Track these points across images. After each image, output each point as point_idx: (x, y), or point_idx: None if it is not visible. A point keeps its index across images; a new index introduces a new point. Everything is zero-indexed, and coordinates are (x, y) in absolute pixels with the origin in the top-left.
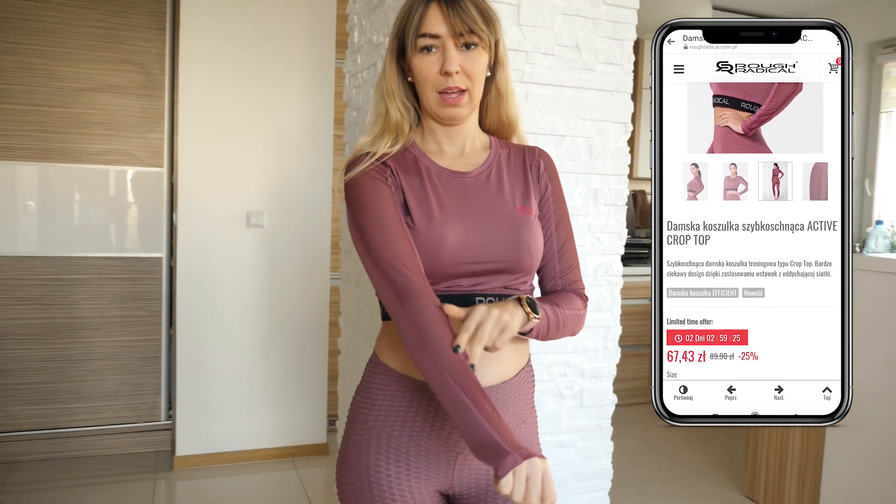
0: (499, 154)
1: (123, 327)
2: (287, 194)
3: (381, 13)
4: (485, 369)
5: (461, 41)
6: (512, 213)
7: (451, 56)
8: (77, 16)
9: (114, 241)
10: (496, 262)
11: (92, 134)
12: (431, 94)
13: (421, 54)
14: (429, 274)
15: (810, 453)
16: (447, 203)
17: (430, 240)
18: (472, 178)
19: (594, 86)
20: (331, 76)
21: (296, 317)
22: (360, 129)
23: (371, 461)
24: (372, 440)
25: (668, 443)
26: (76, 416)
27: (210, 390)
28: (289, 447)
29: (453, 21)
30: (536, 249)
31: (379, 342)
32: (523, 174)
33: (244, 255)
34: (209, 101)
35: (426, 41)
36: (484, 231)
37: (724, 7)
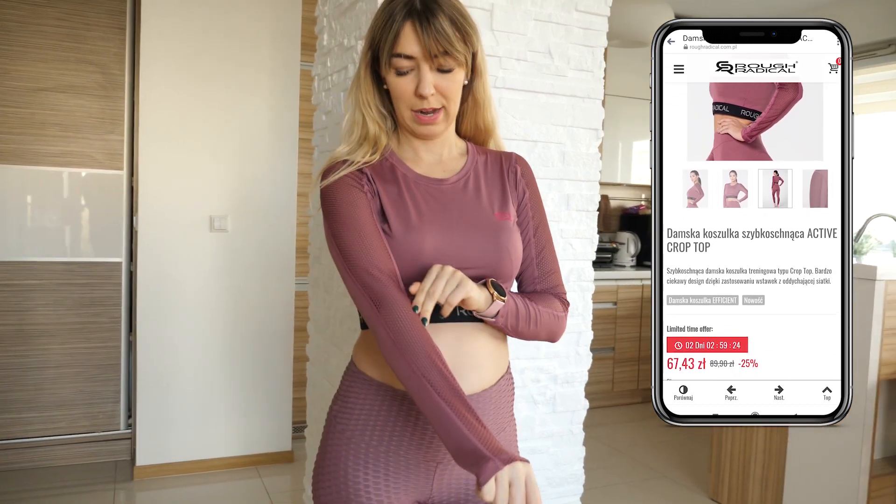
0: (476, 160)
1: (81, 334)
2: (251, 198)
3: (352, 16)
4: (465, 377)
5: (436, 63)
6: (490, 218)
7: (426, 79)
8: (35, 14)
9: (70, 246)
10: (475, 268)
11: (48, 135)
12: (406, 112)
13: (396, 74)
14: (408, 281)
15: (773, 455)
16: (425, 210)
17: (408, 247)
18: (449, 184)
19: (566, 92)
20: (296, 78)
21: (260, 322)
22: (330, 133)
23: (349, 471)
24: (350, 449)
25: (632, 446)
26: (31, 426)
27: (171, 398)
28: (253, 455)
29: (427, 43)
30: (515, 255)
31: (357, 350)
32: (500, 180)
33: (207, 260)
34: (171, 103)
35: (400, 62)
36: (462, 237)
37: (685, 15)
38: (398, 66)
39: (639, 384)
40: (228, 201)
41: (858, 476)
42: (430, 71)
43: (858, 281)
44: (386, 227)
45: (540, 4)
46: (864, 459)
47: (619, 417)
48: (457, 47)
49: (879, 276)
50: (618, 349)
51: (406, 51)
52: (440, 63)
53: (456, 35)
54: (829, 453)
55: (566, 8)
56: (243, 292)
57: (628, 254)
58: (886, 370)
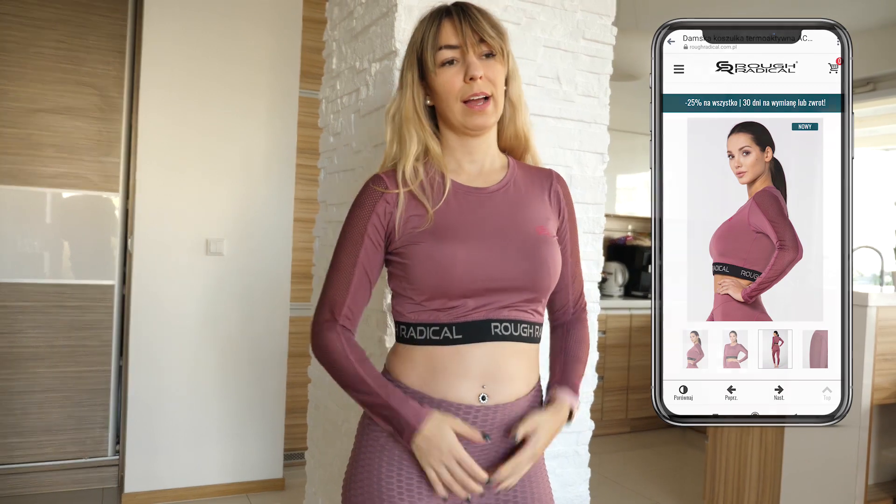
0: (516, 173)
1: (71, 357)
2: (248, 222)
3: (364, 40)
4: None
5: (479, 50)
6: (531, 231)
7: (473, 62)
8: (35, 35)
9: (64, 268)
10: (509, 280)
11: (44, 156)
12: (457, 105)
13: (443, 69)
14: (439, 292)
15: (767, 482)
16: (461, 220)
17: (440, 258)
18: (489, 193)
19: (573, 116)
20: (294, 105)
21: (254, 348)
22: (339, 155)
23: (383, 476)
24: (384, 456)
25: (623, 475)
26: (16, 451)
27: (162, 423)
28: (244, 483)
29: (466, 31)
30: (555, 270)
31: (392, 358)
32: (542, 196)
33: (202, 284)
34: (169, 126)
35: (446, 53)
36: (500, 249)
37: None
38: (443, 57)
39: (627, 413)
40: (225, 225)
41: (853, 503)
42: (476, 57)
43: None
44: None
45: (549, 32)
46: (859, 486)
47: (608, 447)
48: (492, 34)
49: (871, 303)
50: (606, 378)
51: (450, 41)
52: (482, 49)
53: (490, 26)
54: (824, 480)
55: (574, 36)
56: (238, 317)
57: (616, 283)
58: (879, 395)
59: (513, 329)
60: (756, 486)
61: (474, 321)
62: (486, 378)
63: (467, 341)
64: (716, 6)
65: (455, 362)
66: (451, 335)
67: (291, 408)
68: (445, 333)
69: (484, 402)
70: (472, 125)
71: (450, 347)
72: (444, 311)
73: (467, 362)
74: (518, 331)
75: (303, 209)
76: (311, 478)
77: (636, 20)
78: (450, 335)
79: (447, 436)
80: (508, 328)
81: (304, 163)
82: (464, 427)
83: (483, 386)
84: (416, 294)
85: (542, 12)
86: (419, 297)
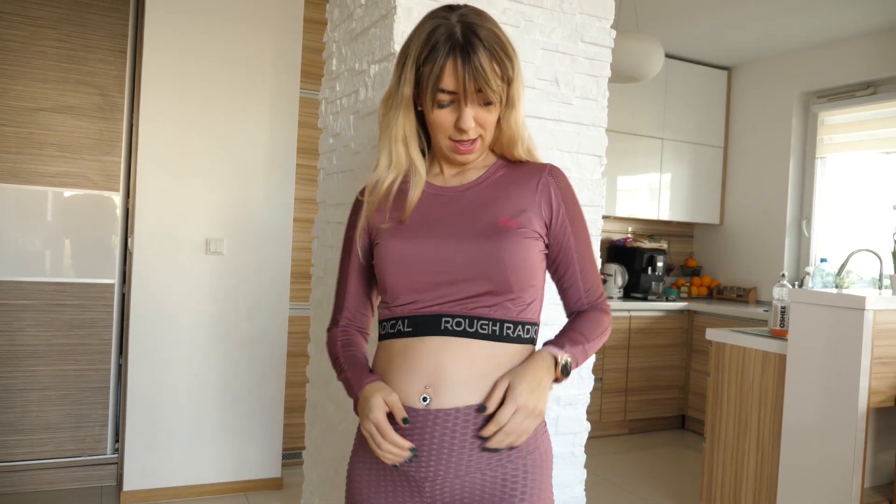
0: (499, 171)
1: (70, 356)
2: (247, 222)
3: (364, 41)
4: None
5: (476, 98)
6: (489, 224)
7: (466, 114)
8: (36, 35)
9: (64, 266)
10: (460, 272)
11: (45, 155)
12: (445, 142)
13: (437, 108)
14: (396, 288)
15: (764, 484)
16: (418, 218)
17: (387, 254)
18: (460, 191)
19: (572, 119)
20: (295, 105)
21: (253, 347)
22: (338, 156)
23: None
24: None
25: (621, 476)
26: (15, 449)
27: (160, 422)
28: (242, 482)
29: (467, 81)
30: (514, 261)
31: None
32: (523, 190)
33: (202, 283)
34: (170, 126)
35: (443, 97)
36: (452, 241)
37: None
38: (440, 100)
39: (626, 415)
40: (224, 224)
41: None
42: (470, 104)
43: (847, 311)
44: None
45: (548, 35)
46: (855, 488)
47: (606, 448)
48: (492, 86)
49: (868, 307)
50: (605, 380)
51: (448, 87)
52: (479, 98)
53: (494, 71)
54: (820, 482)
55: (572, 39)
56: (237, 316)
57: (616, 285)
58: (875, 398)
59: (467, 324)
60: (753, 487)
61: (426, 315)
62: (431, 377)
63: (416, 335)
64: (716, 8)
65: (403, 357)
66: (402, 328)
67: (290, 407)
68: (398, 326)
69: (425, 403)
70: (455, 161)
71: (400, 341)
72: (403, 306)
73: (413, 358)
74: (475, 326)
75: (303, 209)
76: (308, 477)
77: (636, 22)
78: (402, 328)
79: (372, 402)
80: (462, 323)
81: (305, 163)
82: (394, 400)
83: (426, 386)
84: (383, 292)
85: (541, 15)
86: (385, 295)
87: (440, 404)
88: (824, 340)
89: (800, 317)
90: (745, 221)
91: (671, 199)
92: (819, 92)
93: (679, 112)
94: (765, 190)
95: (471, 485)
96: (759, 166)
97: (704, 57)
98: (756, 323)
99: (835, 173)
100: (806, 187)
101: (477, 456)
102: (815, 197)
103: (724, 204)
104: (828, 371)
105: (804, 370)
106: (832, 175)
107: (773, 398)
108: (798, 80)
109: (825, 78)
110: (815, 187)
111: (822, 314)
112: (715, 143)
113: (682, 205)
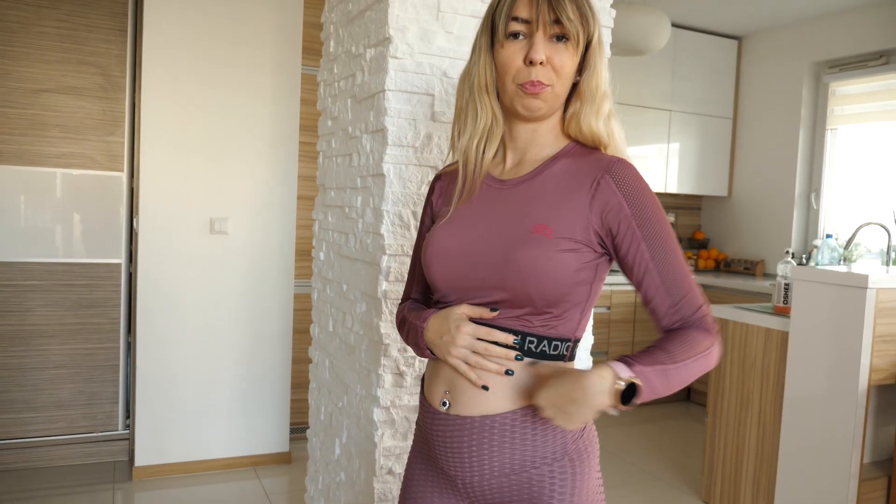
0: (558, 161)
1: (80, 335)
2: (251, 200)
3: (360, 24)
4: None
5: (550, 31)
6: (522, 231)
7: (538, 44)
8: (37, 15)
9: (70, 247)
10: (479, 278)
11: (49, 136)
12: (511, 86)
13: (508, 41)
14: (433, 281)
15: (764, 458)
16: (467, 211)
17: (429, 245)
18: (511, 186)
19: None
20: (297, 82)
21: (259, 324)
22: (337, 138)
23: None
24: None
25: (625, 449)
26: (30, 426)
27: (170, 399)
28: (251, 456)
29: (542, 6)
30: (533, 272)
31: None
32: (574, 192)
33: (207, 262)
34: (172, 105)
35: (515, 26)
36: (484, 243)
37: (682, 24)
38: (512, 28)
39: None
40: (229, 203)
41: (848, 480)
42: (544, 38)
43: (850, 289)
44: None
45: None
46: (854, 463)
47: (610, 421)
48: (571, 16)
49: (871, 285)
50: (611, 353)
51: (522, 14)
52: (553, 30)
53: (573, 8)
54: (820, 457)
55: None
56: (242, 294)
57: None
58: (877, 376)
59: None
60: (754, 462)
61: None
62: (450, 383)
63: None
64: None
65: (433, 359)
66: None
67: (297, 383)
68: None
69: (445, 408)
70: (522, 107)
71: None
72: (437, 301)
73: (438, 361)
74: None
75: (306, 187)
76: (312, 456)
77: None
78: None
79: (452, 314)
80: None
81: (307, 140)
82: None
83: (446, 391)
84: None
85: None
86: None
87: (457, 411)
88: (827, 318)
89: (803, 294)
90: (753, 194)
91: (679, 171)
92: (831, 62)
93: (688, 83)
94: (774, 162)
95: (499, 487)
96: (768, 138)
97: (714, 26)
98: (762, 297)
99: (845, 145)
100: (815, 159)
101: (499, 462)
102: (824, 169)
103: (733, 176)
104: (830, 348)
105: (806, 347)
106: (842, 147)
107: (776, 375)
108: (809, 50)
109: (837, 47)
110: (825, 159)
111: (825, 292)
112: (724, 115)
113: (690, 177)
